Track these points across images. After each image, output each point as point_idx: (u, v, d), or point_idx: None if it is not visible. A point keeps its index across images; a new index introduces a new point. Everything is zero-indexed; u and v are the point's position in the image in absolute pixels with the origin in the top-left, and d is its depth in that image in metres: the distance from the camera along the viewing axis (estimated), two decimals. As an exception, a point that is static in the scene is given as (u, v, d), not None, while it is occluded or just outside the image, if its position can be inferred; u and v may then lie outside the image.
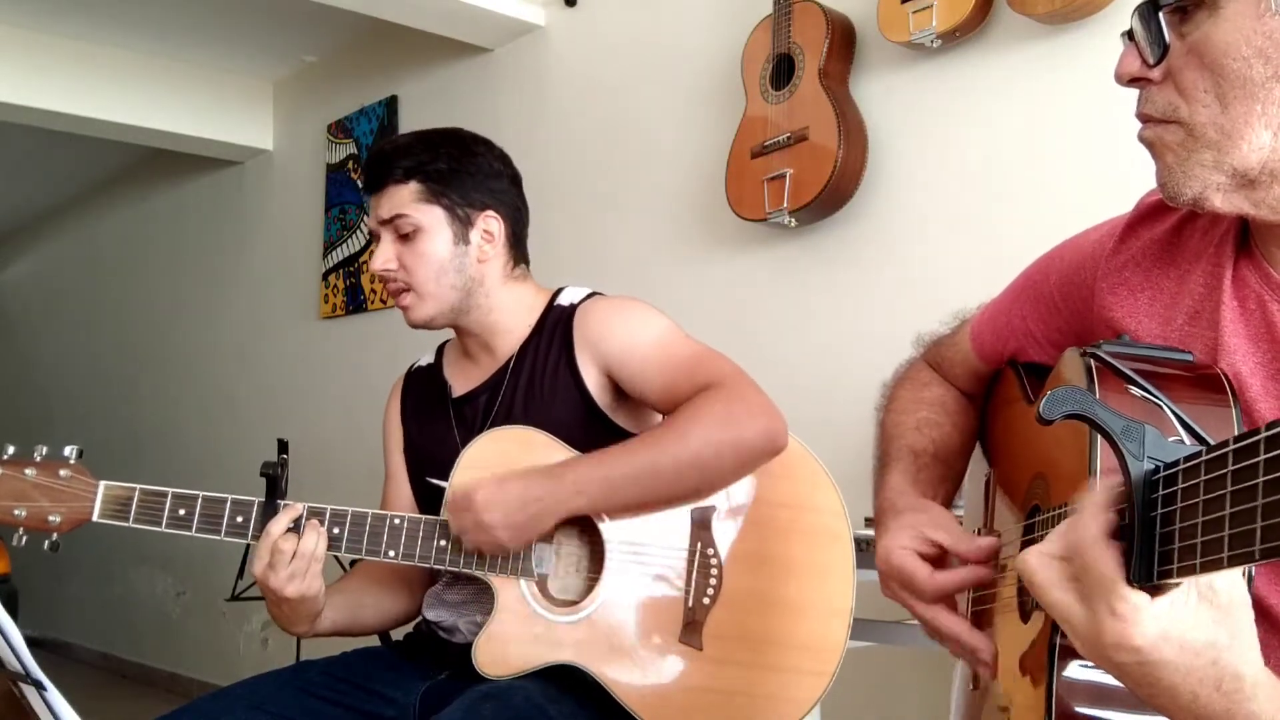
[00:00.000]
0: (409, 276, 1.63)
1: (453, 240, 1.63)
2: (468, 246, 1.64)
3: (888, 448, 1.26)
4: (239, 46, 4.45)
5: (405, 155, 1.63)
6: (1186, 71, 0.86)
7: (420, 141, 1.66)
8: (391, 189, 1.63)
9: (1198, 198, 0.88)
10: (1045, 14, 2.21)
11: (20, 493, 1.51)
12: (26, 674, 1.20)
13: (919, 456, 1.21)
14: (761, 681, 1.50)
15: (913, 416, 1.26)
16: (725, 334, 2.70)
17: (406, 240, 1.62)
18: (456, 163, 1.64)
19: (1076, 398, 0.73)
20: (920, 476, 1.20)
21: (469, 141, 1.69)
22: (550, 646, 1.50)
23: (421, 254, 1.62)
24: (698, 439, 1.47)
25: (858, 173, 2.57)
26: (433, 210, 1.62)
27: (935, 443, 1.23)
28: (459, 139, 1.68)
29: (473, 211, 1.65)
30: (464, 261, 1.64)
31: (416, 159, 1.63)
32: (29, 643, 1.20)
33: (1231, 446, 0.62)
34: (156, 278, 5.69)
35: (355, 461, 4.02)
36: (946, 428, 1.24)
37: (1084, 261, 1.09)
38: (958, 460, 1.25)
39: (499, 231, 1.67)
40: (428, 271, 1.62)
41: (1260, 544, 0.59)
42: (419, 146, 1.64)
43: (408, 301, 1.64)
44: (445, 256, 1.63)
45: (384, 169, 1.63)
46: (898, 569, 1.08)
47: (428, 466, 1.71)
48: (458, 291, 1.64)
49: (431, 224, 1.62)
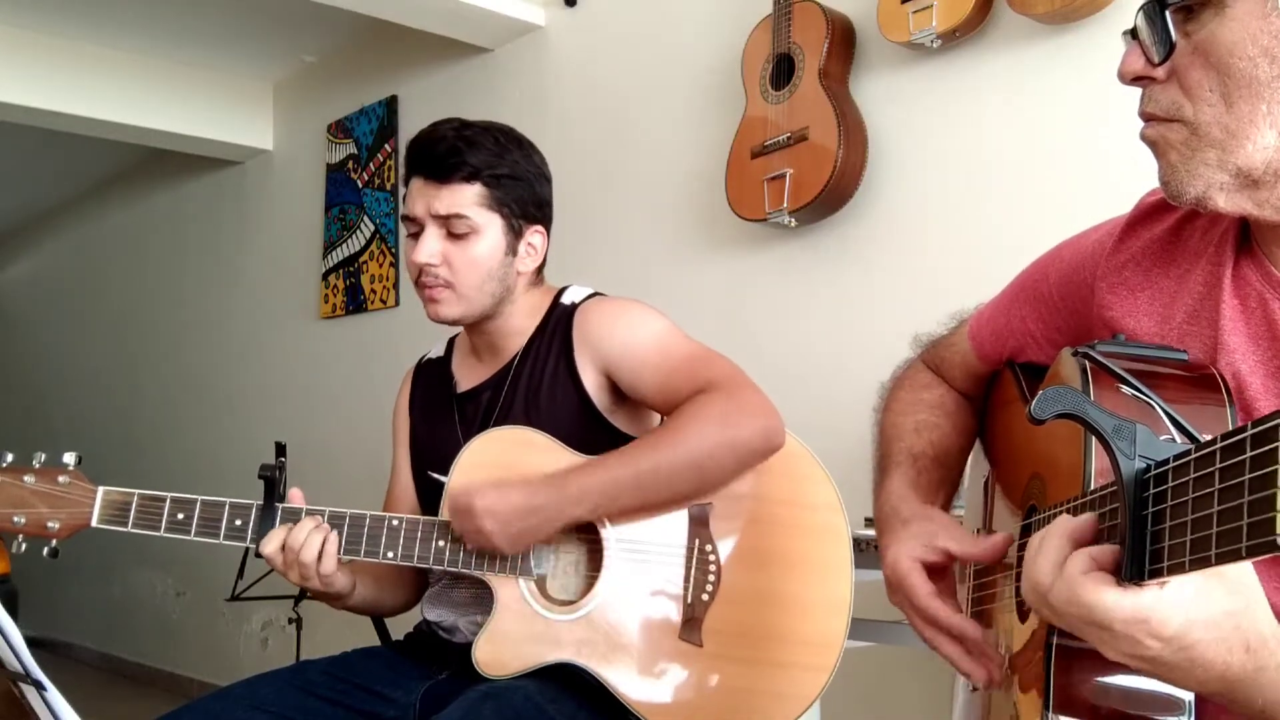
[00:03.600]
0: (452, 275, 1.61)
1: (504, 251, 1.62)
2: (514, 258, 1.64)
3: (887, 450, 1.26)
4: (239, 46, 4.45)
5: (474, 152, 1.59)
6: (1191, 71, 0.86)
7: (488, 138, 1.61)
8: (455, 186, 1.59)
9: (1201, 197, 0.87)
10: (1045, 14, 2.21)
11: (19, 500, 1.52)
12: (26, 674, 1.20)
13: (918, 460, 1.21)
14: (762, 677, 1.50)
15: (911, 419, 1.26)
16: (725, 334, 2.70)
17: (457, 239, 1.60)
18: (521, 170, 1.63)
19: (1068, 397, 0.73)
20: (920, 481, 1.20)
21: (528, 147, 1.67)
22: (550, 645, 1.51)
23: (472, 258, 1.60)
24: (696, 441, 1.47)
25: (858, 173, 2.57)
26: (492, 218, 1.61)
27: (934, 445, 1.23)
28: (520, 143, 1.66)
29: (525, 224, 1.64)
30: (507, 272, 1.64)
31: (485, 160, 1.59)
32: (29, 643, 1.21)
33: (1219, 444, 0.63)
34: (156, 278, 5.69)
35: (355, 461, 4.03)
36: (945, 429, 1.24)
37: (1083, 261, 1.09)
38: (956, 462, 1.25)
39: (542, 247, 1.68)
40: (474, 277, 1.61)
41: (1246, 541, 0.59)
42: (488, 145, 1.60)
43: (442, 297, 1.62)
44: (493, 265, 1.62)
45: (452, 161, 1.58)
46: (900, 579, 1.08)
47: (430, 460, 1.71)
48: (493, 299, 1.64)
49: (488, 230, 1.60)
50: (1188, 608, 0.70)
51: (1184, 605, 0.70)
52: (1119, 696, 0.83)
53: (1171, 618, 0.70)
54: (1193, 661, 0.72)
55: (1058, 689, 0.85)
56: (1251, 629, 0.72)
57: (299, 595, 3.30)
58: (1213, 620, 0.70)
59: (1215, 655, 0.71)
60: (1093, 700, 0.84)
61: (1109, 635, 0.72)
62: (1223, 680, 0.73)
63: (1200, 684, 0.74)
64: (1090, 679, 0.84)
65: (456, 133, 1.61)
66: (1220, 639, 0.71)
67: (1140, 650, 0.72)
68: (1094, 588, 0.71)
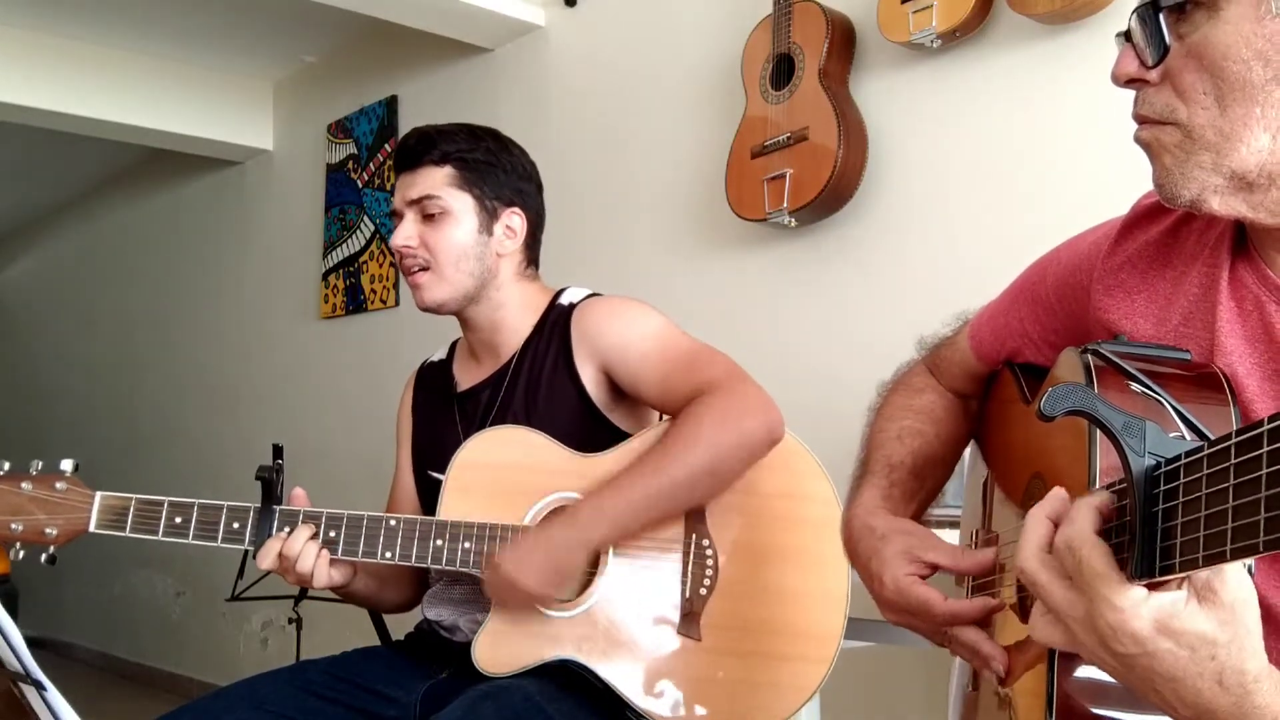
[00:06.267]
0: (429, 256, 1.65)
1: (477, 229, 1.67)
2: (490, 238, 1.68)
3: (868, 456, 1.26)
4: (239, 46, 4.45)
5: (447, 140, 1.67)
6: (1185, 73, 0.85)
7: (463, 130, 1.70)
8: (426, 169, 1.66)
9: (1195, 200, 0.87)
10: (1045, 14, 2.21)
11: (16, 507, 1.52)
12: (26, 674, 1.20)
13: (893, 470, 1.21)
14: (761, 670, 1.51)
15: (897, 425, 1.26)
16: (725, 334, 2.70)
17: (431, 221, 1.65)
18: (494, 156, 1.69)
19: (1078, 394, 0.73)
20: (892, 493, 1.20)
21: (507, 141, 1.74)
22: (549, 642, 1.51)
23: (445, 236, 1.65)
24: (706, 447, 1.47)
25: (858, 173, 2.57)
26: (463, 197, 1.66)
27: (914, 454, 1.23)
28: (498, 136, 1.74)
29: (500, 206, 1.69)
30: (484, 251, 1.67)
31: (456, 145, 1.67)
32: (29, 643, 1.21)
33: (1234, 440, 0.63)
34: (156, 278, 5.69)
35: (354, 462, 4.03)
36: (929, 436, 1.24)
37: (1080, 264, 1.09)
38: (934, 472, 1.25)
39: (520, 229, 1.71)
40: (449, 255, 1.65)
41: (1264, 535, 0.59)
42: (461, 135, 1.68)
43: (423, 280, 1.66)
44: (468, 243, 1.66)
45: (422, 149, 1.67)
46: (911, 599, 1.07)
47: (430, 460, 1.73)
48: (474, 279, 1.67)
49: (459, 209, 1.66)
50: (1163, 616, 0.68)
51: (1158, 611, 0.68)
52: (1120, 701, 0.83)
53: (1144, 617, 0.68)
54: (1158, 673, 0.70)
55: (1060, 690, 0.85)
56: (1230, 664, 0.69)
57: (299, 595, 3.30)
58: (1188, 641, 0.69)
59: (1185, 677, 0.69)
60: (1093, 700, 0.84)
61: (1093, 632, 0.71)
62: (1196, 709, 0.71)
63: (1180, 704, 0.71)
64: (1092, 681, 0.84)
65: (435, 128, 1.69)
66: (1192, 662, 0.69)
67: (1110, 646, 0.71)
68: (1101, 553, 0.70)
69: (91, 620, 6.13)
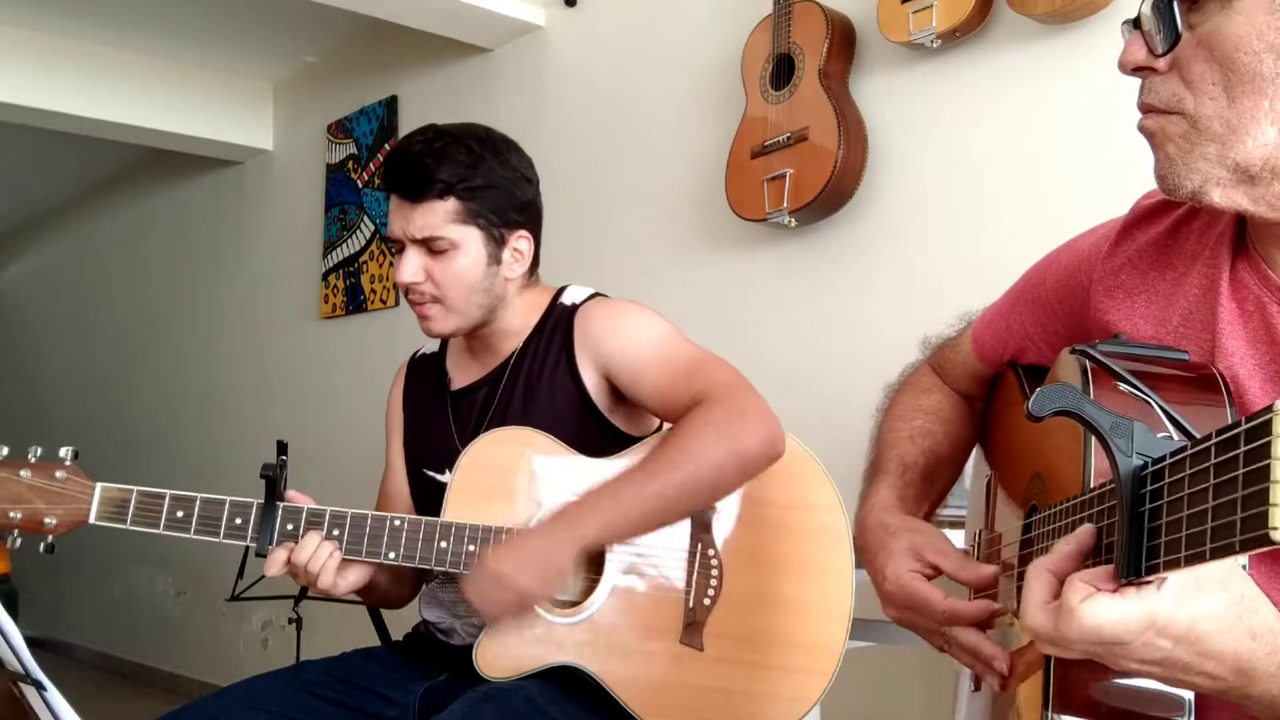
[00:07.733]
0: (437, 291, 1.60)
1: (486, 261, 1.61)
2: (499, 266, 1.62)
3: (880, 455, 1.26)
4: (239, 46, 4.45)
5: (444, 166, 1.56)
6: (1194, 63, 0.85)
7: (459, 148, 1.58)
8: (428, 204, 1.56)
9: (1197, 191, 0.87)
10: (1045, 14, 2.21)
11: (15, 495, 1.49)
12: (26, 674, 1.20)
13: (907, 471, 1.22)
14: (763, 680, 1.50)
15: (908, 425, 1.26)
16: (724, 334, 2.70)
17: (437, 255, 1.58)
18: (496, 177, 1.60)
19: (1065, 395, 0.73)
20: (906, 494, 1.20)
21: (504, 150, 1.64)
22: (551, 647, 1.50)
23: (455, 273, 1.59)
24: (702, 458, 1.46)
25: (858, 173, 2.57)
26: (470, 231, 1.58)
27: (926, 454, 1.23)
28: (495, 147, 1.62)
29: (507, 232, 1.62)
30: (493, 282, 1.62)
31: (457, 173, 1.56)
32: (29, 643, 1.21)
33: (1214, 440, 0.63)
34: (156, 278, 5.69)
35: (355, 461, 4.02)
36: (939, 437, 1.25)
37: (1080, 265, 1.09)
38: (944, 472, 1.26)
39: (528, 250, 1.65)
40: (459, 290, 1.60)
41: (1240, 535, 0.59)
42: (459, 156, 1.57)
43: (432, 313, 1.62)
44: (478, 277, 1.60)
45: (422, 181, 1.56)
46: (911, 594, 1.08)
47: (424, 458, 1.71)
48: (484, 309, 1.63)
49: (467, 244, 1.59)
50: (1190, 604, 0.70)
51: (1186, 602, 0.70)
52: (1119, 695, 0.83)
53: (1177, 615, 0.70)
54: (1204, 655, 0.72)
55: (1058, 688, 0.85)
56: (1253, 617, 0.72)
57: (299, 595, 3.30)
58: (1215, 611, 0.71)
59: (1225, 645, 0.72)
60: (1093, 700, 0.84)
61: (1123, 648, 0.71)
62: (1236, 670, 0.73)
63: (1213, 679, 0.73)
64: (1090, 678, 0.84)
65: (426, 146, 1.58)
66: (1227, 628, 0.71)
67: (1153, 654, 0.72)
68: (1098, 609, 0.70)
69: (91, 620, 6.13)
